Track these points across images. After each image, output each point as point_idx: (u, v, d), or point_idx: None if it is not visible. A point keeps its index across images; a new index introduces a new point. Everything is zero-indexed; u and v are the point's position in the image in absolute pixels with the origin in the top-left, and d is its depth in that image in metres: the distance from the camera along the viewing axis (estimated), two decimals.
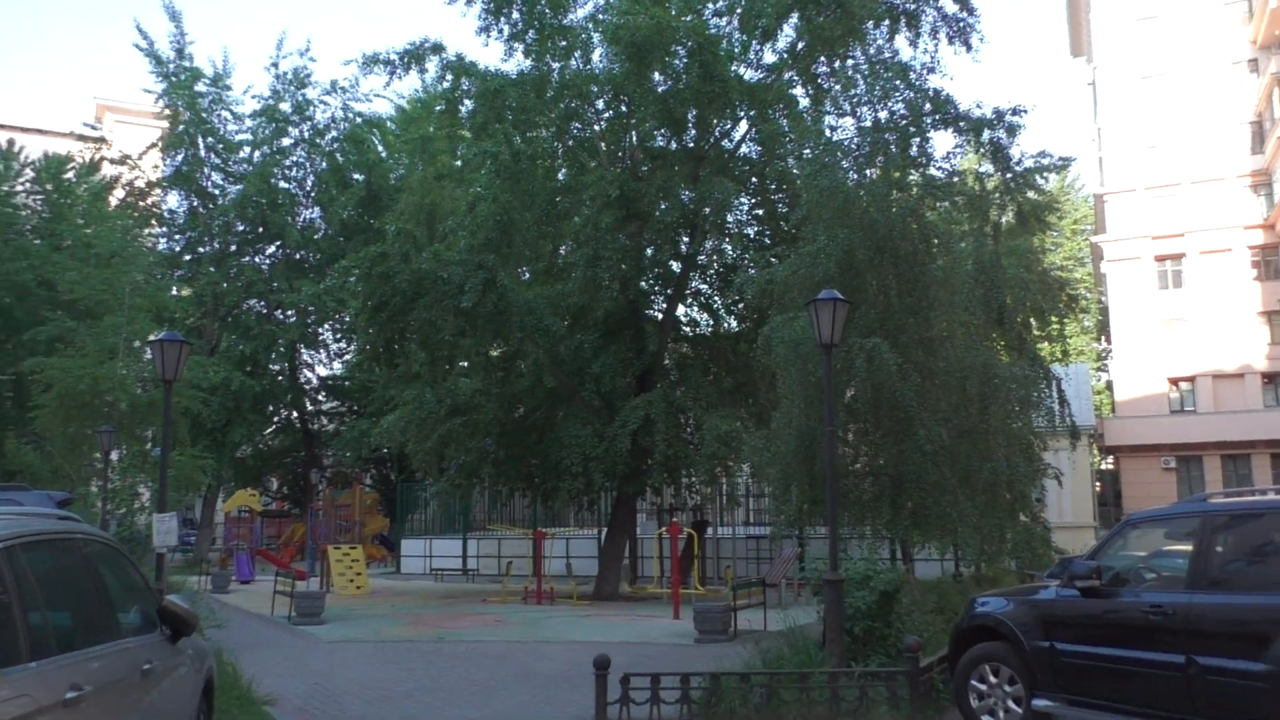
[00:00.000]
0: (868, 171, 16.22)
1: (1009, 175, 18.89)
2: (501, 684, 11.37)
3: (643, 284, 24.46)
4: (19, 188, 40.11)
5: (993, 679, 8.78)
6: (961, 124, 18.15)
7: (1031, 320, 19.13)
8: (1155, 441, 44.11)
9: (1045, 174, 20.38)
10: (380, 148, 39.41)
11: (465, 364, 24.80)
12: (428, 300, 20.86)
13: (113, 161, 37.44)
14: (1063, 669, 8.18)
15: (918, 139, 17.17)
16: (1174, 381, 44.99)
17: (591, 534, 30.25)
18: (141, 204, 37.55)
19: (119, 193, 37.86)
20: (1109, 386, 52.42)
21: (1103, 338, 56.15)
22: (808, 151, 16.83)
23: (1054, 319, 19.66)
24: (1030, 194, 19.65)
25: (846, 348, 13.76)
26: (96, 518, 18.18)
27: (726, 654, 13.64)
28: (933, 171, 17.56)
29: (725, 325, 26.08)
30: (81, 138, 38.00)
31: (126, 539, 16.32)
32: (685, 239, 24.10)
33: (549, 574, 23.80)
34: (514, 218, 20.94)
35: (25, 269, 34.99)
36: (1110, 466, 49.77)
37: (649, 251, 23.59)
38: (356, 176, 37.47)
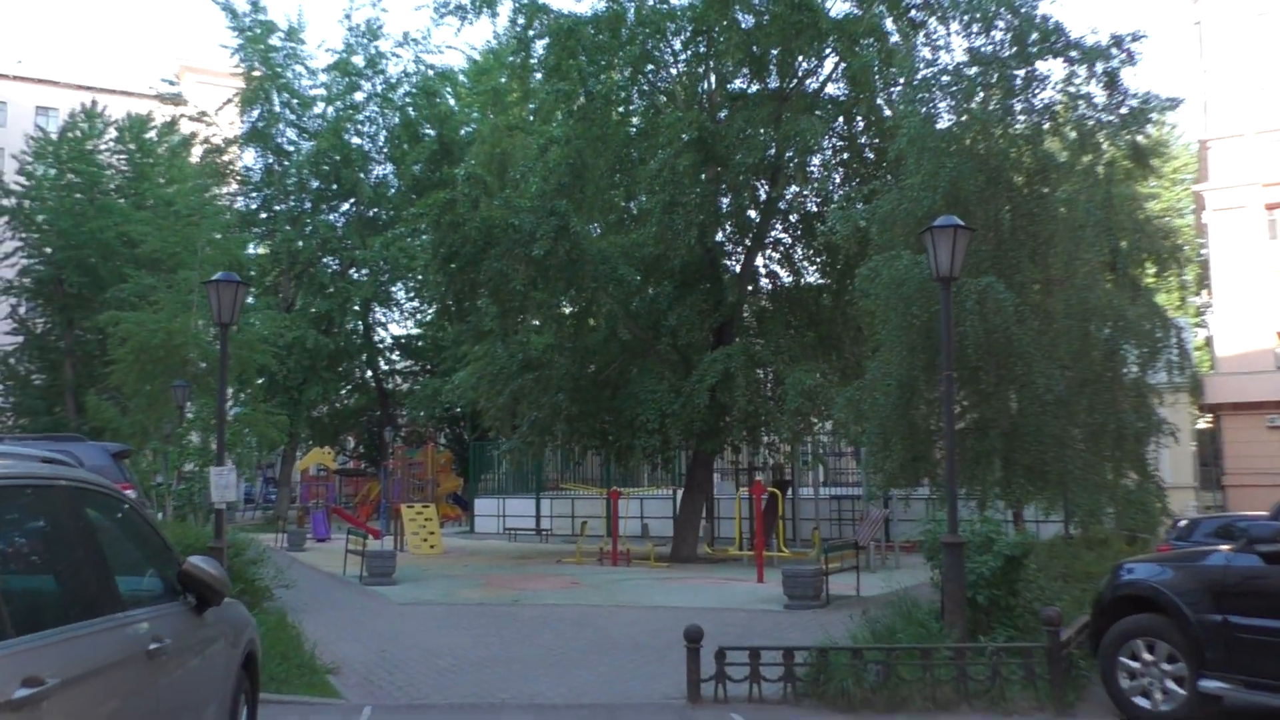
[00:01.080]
0: (970, 104, 14.60)
1: (1125, 109, 17.05)
2: (580, 653, 10.37)
3: (720, 233, 23.16)
4: (102, 147, 40.27)
5: (1147, 656, 7.49)
6: (1073, 53, 16.34)
7: (1147, 266, 17.40)
8: (1260, 399, 41.29)
9: (1150, 116, 18.53)
10: (452, 101, 38.49)
11: (536, 321, 23.80)
12: (499, 250, 19.87)
13: (190, 119, 37.18)
14: (1238, 646, 6.87)
15: (1023, 69, 15.47)
16: None
17: (666, 494, 29.23)
18: (219, 161, 37.28)
19: (197, 150, 37.67)
20: (1208, 342, 49.57)
21: (1203, 291, 53.10)
22: (901, 85, 15.33)
23: (1173, 268, 17.88)
24: (1144, 133, 17.82)
25: (956, 288, 12.34)
26: (165, 471, 17.65)
27: (822, 622, 12.47)
28: (1046, 96, 15.83)
29: (805, 278, 24.63)
30: (159, 96, 37.78)
31: (185, 497, 15.77)
32: (765, 185, 22.67)
33: (624, 535, 22.85)
34: (587, 162, 19.75)
35: (109, 227, 35.05)
36: (1209, 425, 47.13)
37: (726, 200, 22.22)
38: (428, 131, 36.66)
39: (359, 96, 38.07)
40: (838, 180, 22.82)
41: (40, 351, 38.21)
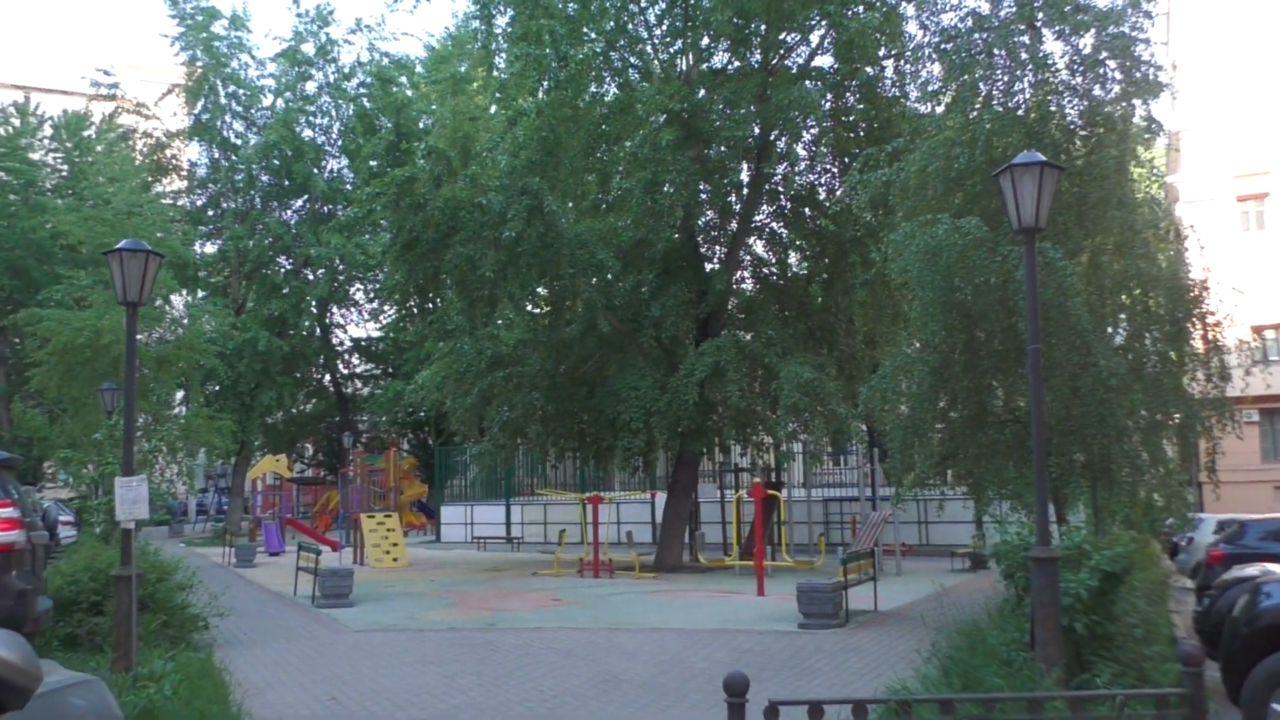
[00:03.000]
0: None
1: (1139, 76, 15.39)
2: (576, 697, 8.36)
3: (704, 217, 21.25)
4: (37, 145, 37.50)
5: None
6: (1081, 17, 14.64)
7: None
8: (1234, 394, 40.39)
9: (1165, 85, 16.93)
10: (409, 91, 36.25)
11: (509, 313, 21.69)
12: (465, 234, 17.79)
13: (128, 111, 34.58)
14: None
15: (1026, 35, 13.71)
16: (1257, 330, 41.09)
17: (645, 499, 27.26)
18: (161, 156, 34.71)
19: (139, 146, 35.07)
20: None
21: None
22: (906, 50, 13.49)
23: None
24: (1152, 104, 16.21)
25: (1000, 257, 10.53)
26: (88, 484, 15.36)
27: (850, 646, 10.58)
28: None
29: (793, 267, 22.81)
30: (95, 88, 35.10)
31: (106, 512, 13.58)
32: (751, 166, 20.81)
33: (603, 542, 20.81)
34: (560, 137, 17.72)
35: (41, 227, 32.43)
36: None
37: (709, 184, 20.25)
38: (385, 122, 34.38)
39: (310, 88, 35.75)
40: (828, 159, 21.03)
41: None
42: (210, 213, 36.00)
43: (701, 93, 20.12)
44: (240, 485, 34.26)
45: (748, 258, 21.87)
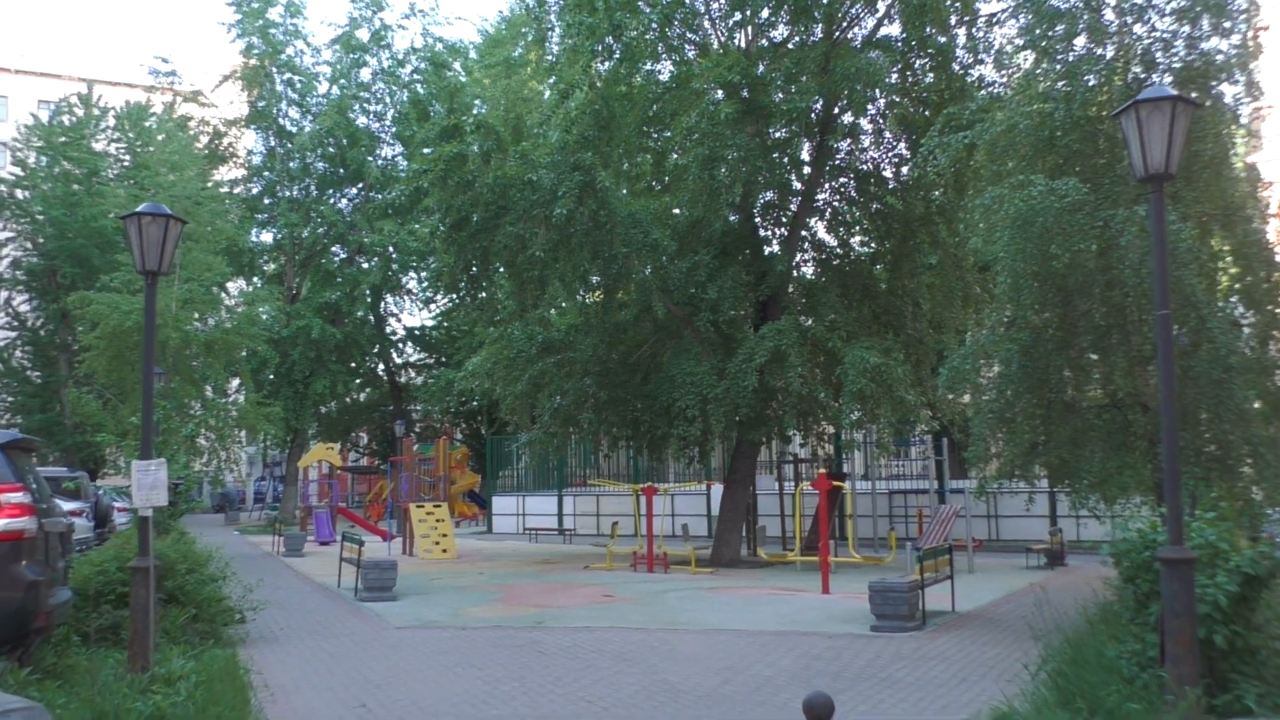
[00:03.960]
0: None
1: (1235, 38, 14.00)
2: (629, 709, 7.45)
3: (764, 196, 20.14)
4: (100, 136, 37.68)
5: None
6: None
7: None
8: None
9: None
10: (463, 76, 35.59)
11: (560, 297, 20.82)
12: (514, 214, 16.96)
13: (186, 99, 34.45)
14: None
15: None
16: None
17: (700, 490, 26.32)
18: (217, 144, 34.55)
19: (197, 135, 34.96)
20: None
21: None
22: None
23: None
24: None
25: (1101, 221, 9.36)
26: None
27: (932, 654, 9.51)
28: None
29: (856, 248, 21.60)
30: (154, 75, 34.98)
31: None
32: (813, 142, 19.67)
33: (658, 535, 19.91)
34: (615, 111, 16.77)
35: (102, 215, 32.44)
36: None
37: (763, 167, 19.11)
38: (438, 108, 33.73)
39: (365, 74, 35.29)
40: (895, 134, 19.76)
41: (35, 347, 35.64)
42: (266, 201, 35.77)
43: (761, 67, 19.04)
44: (294, 473, 34.00)
45: (808, 239, 20.70)
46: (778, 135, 19.03)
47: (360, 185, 35.54)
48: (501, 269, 18.37)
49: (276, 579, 17.08)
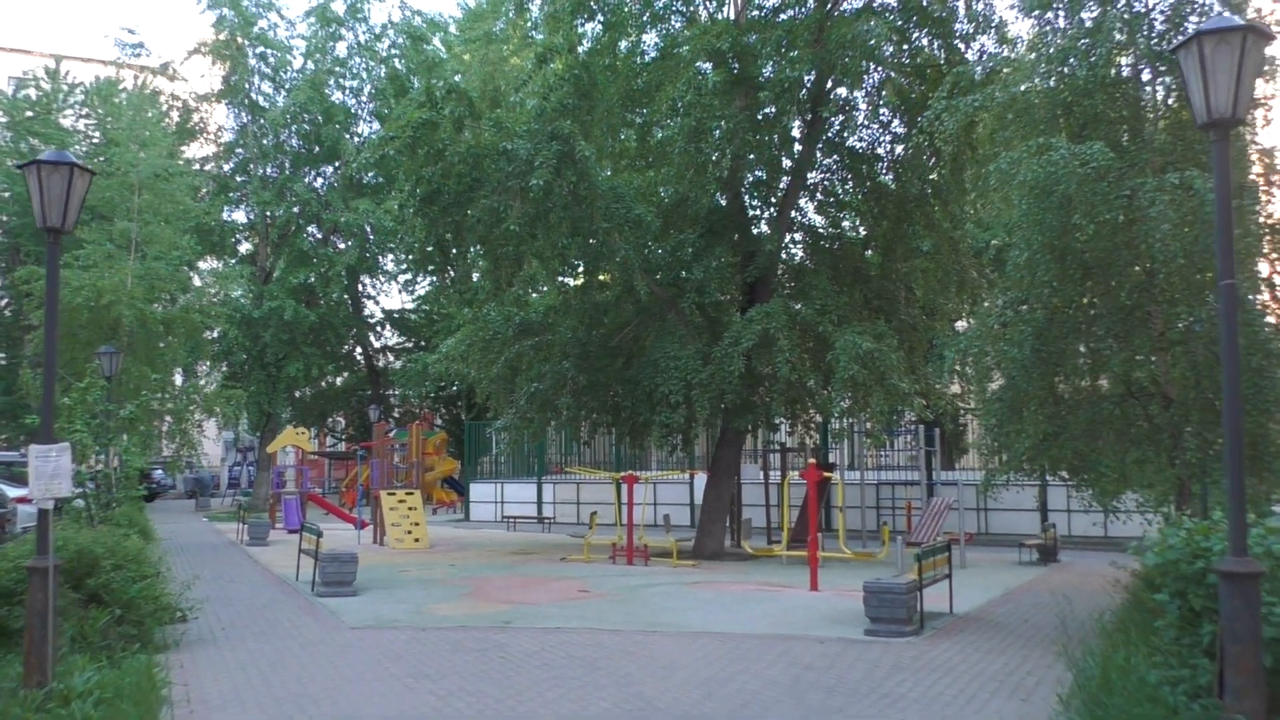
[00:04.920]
0: None
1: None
2: None
3: (752, 174, 19.12)
4: (68, 112, 36.27)
5: None
6: None
7: None
8: None
9: None
10: (442, 52, 34.36)
11: (539, 275, 19.74)
12: (489, 187, 15.89)
13: (154, 72, 33.06)
14: None
15: None
16: None
17: (683, 479, 25.35)
18: (187, 120, 33.19)
19: (166, 109, 33.56)
20: None
21: None
22: None
23: None
24: None
25: (1128, 190, 8.39)
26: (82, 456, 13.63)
27: (935, 663, 8.57)
28: None
29: (847, 230, 20.62)
30: (120, 46, 33.53)
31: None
32: (803, 119, 18.66)
33: (639, 525, 18.95)
34: (597, 79, 15.70)
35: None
36: None
37: (752, 142, 18.05)
38: (417, 84, 32.52)
39: (341, 50, 33.98)
40: (891, 109, 18.71)
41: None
42: (239, 179, 34.47)
43: (752, 37, 17.98)
44: (266, 459, 32.84)
45: (798, 219, 19.71)
46: (768, 110, 18.01)
47: (336, 164, 34.30)
48: (476, 246, 17.27)
49: (233, 570, 16.03)
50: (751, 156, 17.62)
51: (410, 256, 17.93)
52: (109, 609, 8.68)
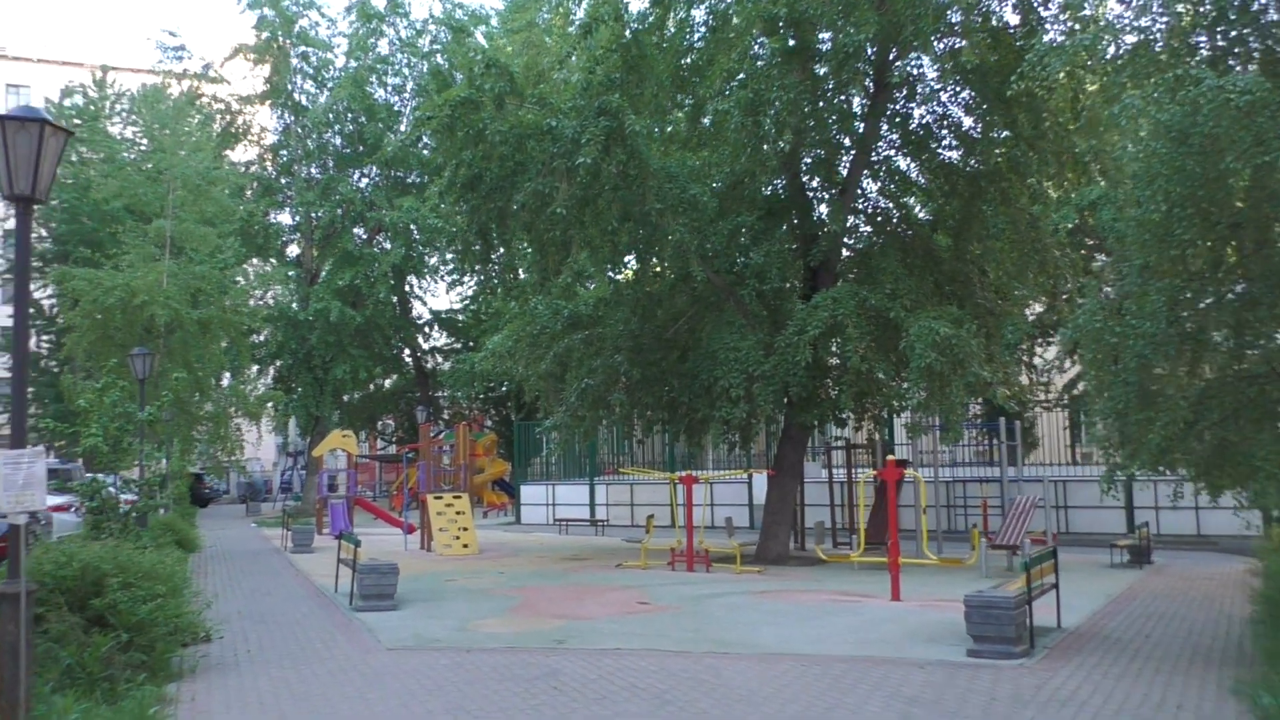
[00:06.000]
0: None
1: None
2: None
3: (810, 154, 17.75)
4: (116, 120, 36.02)
5: None
6: None
7: None
8: None
9: None
10: (484, 45, 33.35)
11: (586, 271, 18.58)
12: (533, 170, 14.76)
13: (197, 76, 32.56)
14: None
15: None
16: None
17: (741, 479, 24.06)
18: (231, 123, 32.65)
19: (210, 111, 33.09)
20: None
21: None
22: None
23: None
24: None
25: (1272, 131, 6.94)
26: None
27: (1061, 693, 7.19)
28: None
29: (912, 211, 19.13)
30: (162, 49, 33.09)
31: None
32: (866, 93, 17.24)
33: (697, 528, 17.70)
34: (645, 48, 14.49)
35: (115, 198, 30.71)
36: None
37: (812, 115, 16.62)
38: (459, 77, 31.59)
39: (383, 46, 33.21)
40: (957, 81, 17.19)
41: (50, 334, 34.05)
42: (283, 180, 33.85)
43: (809, 2, 16.58)
44: (314, 463, 32.15)
45: (863, 199, 18.28)
46: (829, 83, 16.66)
47: (380, 163, 33.51)
48: (521, 234, 16.11)
49: (271, 581, 15.08)
50: (813, 132, 16.26)
51: (456, 249, 16.81)
52: (114, 633, 7.65)
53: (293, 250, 35.17)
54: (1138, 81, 8.05)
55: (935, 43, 16.07)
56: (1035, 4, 15.82)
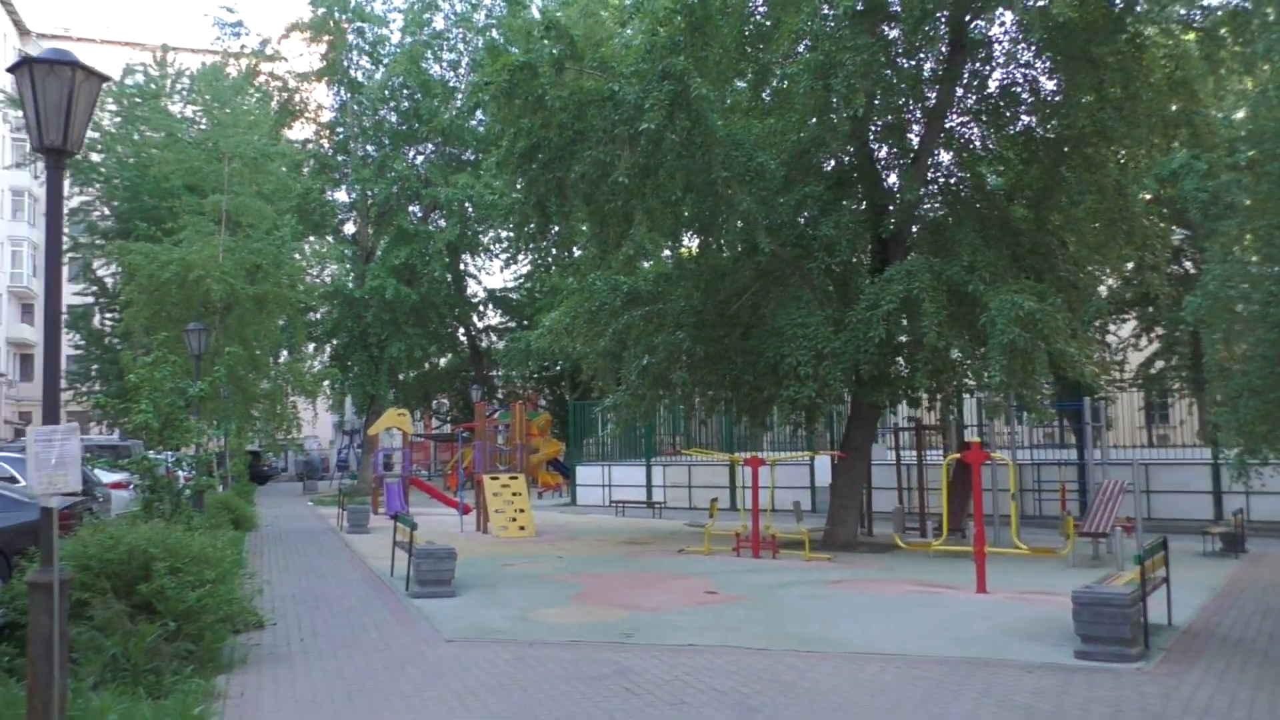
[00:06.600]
0: None
1: None
2: None
3: (880, 121, 16.80)
4: (176, 99, 36.01)
5: None
6: None
7: None
8: None
9: None
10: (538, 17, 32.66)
11: (644, 236, 17.82)
12: (594, 138, 14.05)
13: (254, 53, 32.34)
14: None
15: None
16: None
17: (803, 461, 23.21)
18: (288, 99, 32.39)
19: (268, 88, 32.86)
20: None
21: None
22: None
23: None
24: None
25: None
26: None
27: (1191, 703, 6.37)
28: None
29: (988, 180, 18.06)
30: (220, 26, 32.88)
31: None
32: (941, 53, 16.22)
33: (762, 511, 16.95)
34: (710, 7, 13.67)
35: (174, 175, 30.70)
36: None
37: (885, 79, 15.60)
38: (515, 52, 30.99)
39: (439, 23, 32.67)
40: (1037, 45, 16.04)
41: (114, 312, 34.27)
42: (339, 158, 33.57)
43: None
44: (370, 441, 31.99)
45: (936, 167, 17.28)
46: (900, 46, 15.70)
47: (438, 140, 33.05)
48: (580, 205, 15.41)
49: (326, 563, 14.70)
50: (885, 97, 15.29)
51: (512, 222, 16.19)
52: (161, 621, 7.18)
53: (349, 228, 34.95)
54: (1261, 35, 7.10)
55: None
56: None
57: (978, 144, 17.47)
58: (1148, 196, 21.72)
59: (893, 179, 17.45)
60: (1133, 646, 7.81)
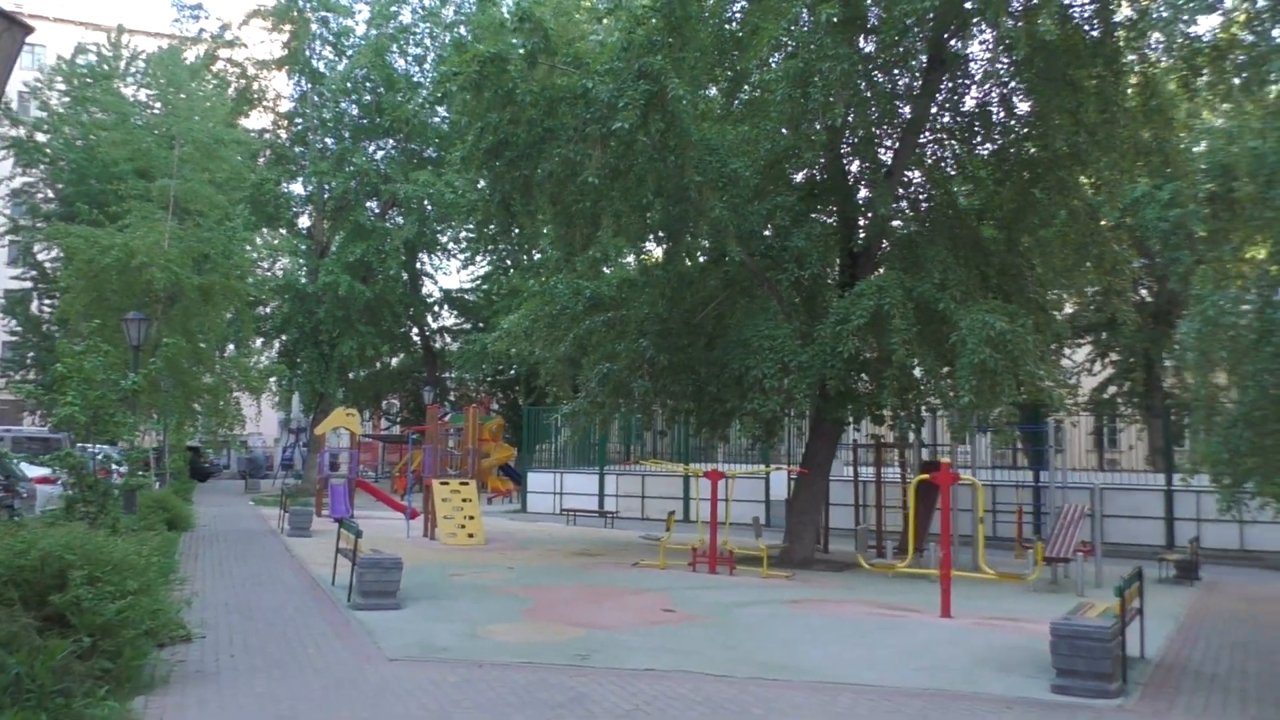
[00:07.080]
0: None
1: None
2: None
3: (855, 134, 16.48)
4: (129, 82, 34.77)
5: None
6: None
7: None
8: None
9: None
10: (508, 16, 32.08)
11: (609, 238, 17.33)
12: (564, 136, 13.54)
13: (213, 39, 31.31)
14: None
15: None
16: None
17: (758, 476, 22.82)
18: (246, 87, 31.38)
19: (224, 74, 31.81)
20: None
21: None
22: None
23: None
24: None
25: None
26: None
27: None
28: None
29: (961, 198, 17.88)
30: (179, 8, 31.82)
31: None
32: (921, 67, 15.97)
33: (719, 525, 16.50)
34: (689, 7, 13.24)
35: (124, 159, 29.52)
36: None
37: (864, 89, 15.32)
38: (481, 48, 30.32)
39: (406, 17, 31.89)
40: (1016, 64, 15.85)
41: (53, 297, 32.89)
42: (297, 150, 32.60)
43: None
44: (316, 441, 31.01)
45: (911, 182, 17.04)
46: (878, 59, 15.43)
47: (400, 136, 32.23)
48: (546, 206, 14.87)
49: (264, 568, 13.93)
50: (861, 108, 14.97)
51: (474, 220, 15.59)
52: (75, 636, 6.49)
53: (304, 221, 33.98)
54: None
55: (1006, 17, 14.73)
56: None
57: (951, 162, 17.25)
58: (1108, 224, 21.79)
59: (864, 193, 17.18)
60: (1112, 682, 7.47)
